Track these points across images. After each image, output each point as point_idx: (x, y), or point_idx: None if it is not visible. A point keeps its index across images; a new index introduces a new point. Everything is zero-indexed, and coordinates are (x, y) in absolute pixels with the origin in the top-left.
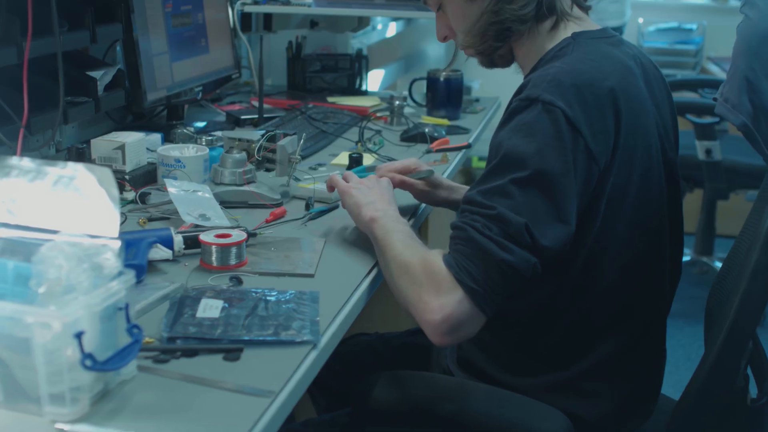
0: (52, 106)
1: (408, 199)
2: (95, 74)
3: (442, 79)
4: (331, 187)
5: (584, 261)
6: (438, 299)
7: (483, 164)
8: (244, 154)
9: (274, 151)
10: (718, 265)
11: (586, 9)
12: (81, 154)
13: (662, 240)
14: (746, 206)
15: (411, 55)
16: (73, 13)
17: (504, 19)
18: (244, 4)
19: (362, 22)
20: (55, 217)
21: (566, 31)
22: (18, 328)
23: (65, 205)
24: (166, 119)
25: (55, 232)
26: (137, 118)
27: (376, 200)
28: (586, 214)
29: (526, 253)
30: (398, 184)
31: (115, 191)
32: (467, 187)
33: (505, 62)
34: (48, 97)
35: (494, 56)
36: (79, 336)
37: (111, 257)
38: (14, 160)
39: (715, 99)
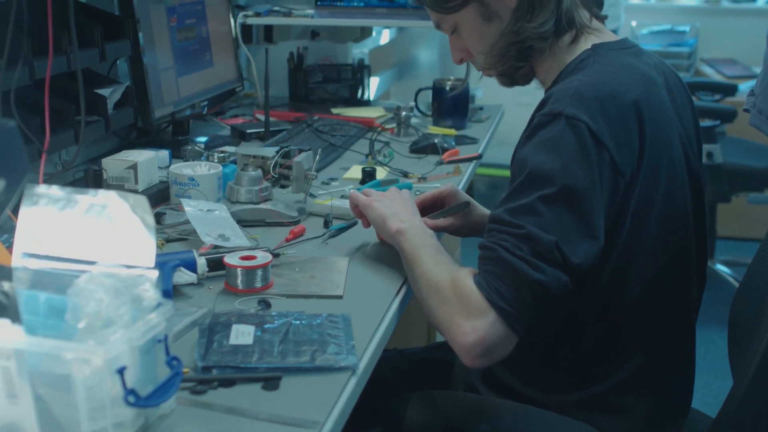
0: (64, 126)
1: None
2: (104, 92)
3: (448, 88)
4: (355, 208)
5: (610, 275)
6: (470, 322)
7: (488, 171)
8: (259, 172)
9: (289, 167)
10: (720, 267)
11: (602, 19)
12: (98, 176)
13: (688, 250)
14: (748, 209)
15: (404, 62)
16: (81, 31)
17: (524, 38)
18: (246, 16)
19: (365, 32)
20: (87, 247)
21: (586, 43)
22: (57, 364)
23: (98, 235)
24: (171, 134)
25: (88, 262)
26: (142, 134)
27: (400, 211)
28: (613, 227)
29: (557, 272)
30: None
31: (151, 219)
32: None
33: (527, 80)
34: (59, 116)
35: (516, 75)
36: (121, 371)
37: (149, 288)
38: (43, 188)
39: (746, 110)
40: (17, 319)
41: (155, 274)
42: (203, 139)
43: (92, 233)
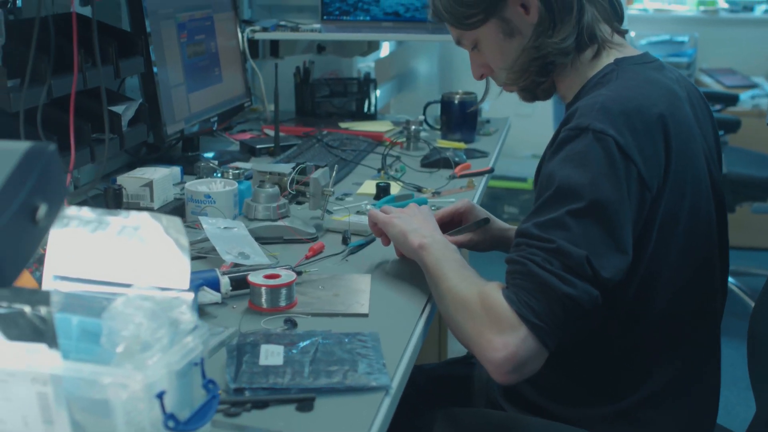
0: (79, 144)
1: None
2: (117, 109)
3: (456, 101)
4: (375, 226)
5: (636, 289)
6: (501, 337)
7: (497, 184)
8: (277, 188)
9: (306, 183)
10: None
11: (623, 34)
12: (118, 195)
13: (713, 264)
14: (752, 218)
15: (403, 75)
16: (94, 48)
17: (546, 53)
18: (253, 31)
19: (372, 46)
20: (120, 269)
21: (608, 57)
22: (94, 389)
23: (131, 257)
24: (181, 151)
25: (120, 285)
26: (151, 150)
27: (421, 226)
28: (639, 241)
29: (587, 286)
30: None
31: (185, 240)
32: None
33: (548, 95)
34: (77, 134)
35: (537, 91)
36: (160, 396)
37: (186, 311)
38: (73, 210)
39: None
40: (54, 344)
41: (191, 296)
42: (209, 154)
43: (125, 255)
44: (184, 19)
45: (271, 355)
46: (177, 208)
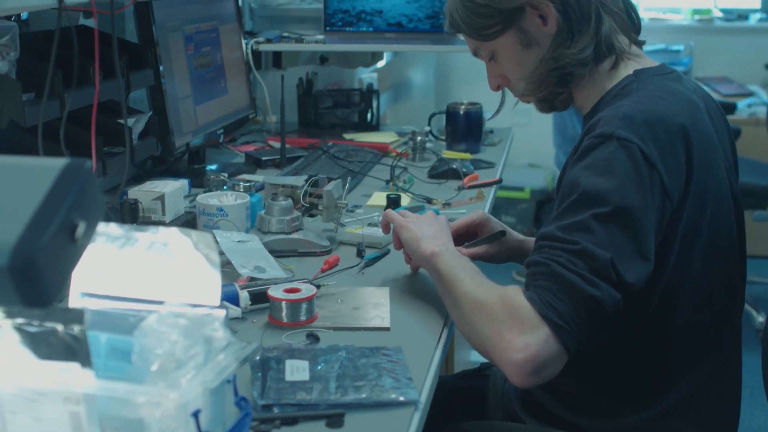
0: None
1: None
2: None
3: (462, 112)
4: (387, 226)
5: (659, 299)
6: (522, 337)
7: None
8: (290, 201)
9: (319, 196)
10: None
11: (640, 45)
12: (134, 209)
13: (734, 274)
14: (752, 226)
15: (399, 85)
16: (105, 60)
17: (565, 64)
18: (258, 42)
19: (375, 57)
20: (149, 286)
21: (626, 69)
22: (128, 409)
23: (160, 273)
24: (188, 163)
25: (150, 302)
26: (157, 163)
27: (436, 235)
28: (661, 252)
29: (611, 289)
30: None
31: (216, 255)
32: (533, 239)
33: (565, 105)
34: (86, 148)
35: (555, 101)
36: (196, 415)
37: (219, 328)
38: (101, 226)
39: None
40: (87, 363)
41: (223, 313)
42: (212, 167)
43: (154, 272)
44: (191, 31)
45: (297, 370)
46: (188, 222)
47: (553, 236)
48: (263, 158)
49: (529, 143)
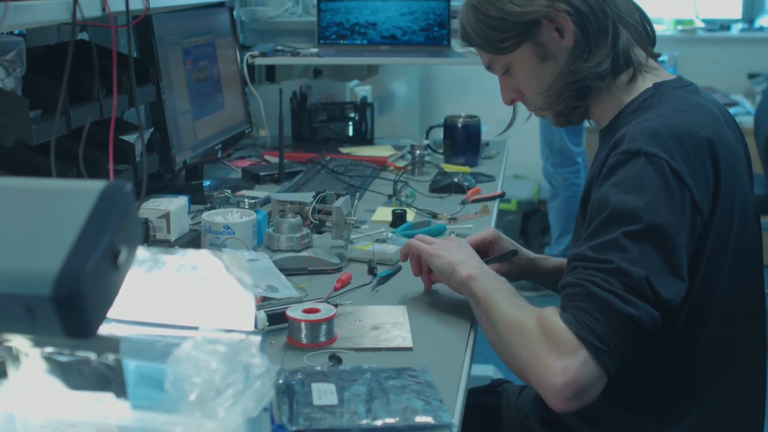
0: (95, 175)
1: None
2: (129, 138)
3: (460, 125)
4: (406, 255)
5: (687, 315)
6: (561, 361)
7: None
8: (299, 218)
9: (328, 213)
10: None
11: (655, 57)
12: (146, 228)
13: (760, 286)
14: None
15: (384, 98)
16: (107, 76)
17: (582, 77)
18: (253, 56)
19: (371, 70)
20: (179, 311)
21: (645, 82)
22: None
23: (190, 298)
24: (185, 179)
25: (179, 327)
26: (155, 179)
27: (469, 258)
28: (690, 267)
29: (648, 307)
30: None
31: (248, 278)
32: (544, 256)
33: (581, 119)
34: (91, 166)
35: (572, 115)
36: None
37: (256, 354)
38: None
39: None
40: (122, 393)
41: (258, 338)
42: (206, 182)
43: (184, 296)
44: (189, 45)
45: (324, 394)
46: (193, 240)
47: (585, 256)
48: (261, 173)
49: (514, 154)
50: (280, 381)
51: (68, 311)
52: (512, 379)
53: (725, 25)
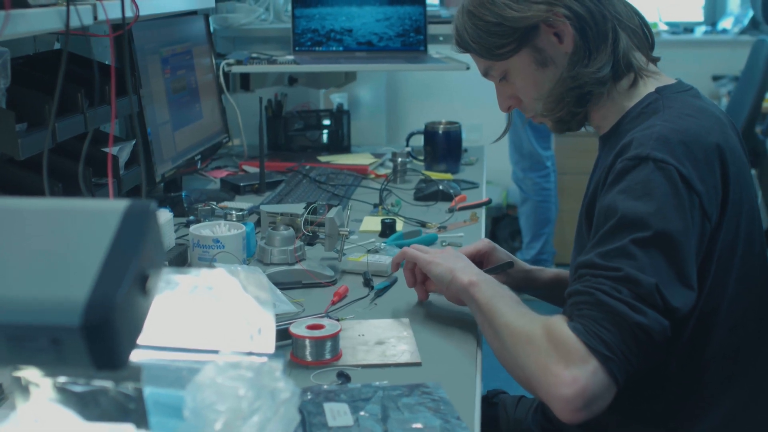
0: (78, 190)
1: None
2: (113, 150)
3: (441, 131)
4: (397, 264)
5: (695, 322)
6: (570, 371)
7: None
8: (292, 231)
9: (321, 224)
10: None
11: (655, 61)
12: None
13: (765, 292)
14: None
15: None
16: (91, 89)
17: (583, 83)
18: (229, 64)
19: (348, 77)
20: (194, 334)
21: (646, 87)
22: None
23: (206, 319)
24: (164, 191)
25: (195, 350)
26: (132, 191)
27: (469, 265)
28: (698, 274)
29: (658, 315)
30: None
31: (267, 296)
32: (540, 268)
33: (580, 125)
34: (73, 180)
35: (572, 121)
36: None
37: (281, 378)
38: None
39: None
40: (143, 424)
41: (281, 361)
42: (183, 194)
43: (200, 318)
44: (167, 53)
45: (338, 414)
46: (181, 254)
47: (593, 264)
48: (241, 184)
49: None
50: None
51: (98, 342)
52: (507, 388)
53: (689, 28)
